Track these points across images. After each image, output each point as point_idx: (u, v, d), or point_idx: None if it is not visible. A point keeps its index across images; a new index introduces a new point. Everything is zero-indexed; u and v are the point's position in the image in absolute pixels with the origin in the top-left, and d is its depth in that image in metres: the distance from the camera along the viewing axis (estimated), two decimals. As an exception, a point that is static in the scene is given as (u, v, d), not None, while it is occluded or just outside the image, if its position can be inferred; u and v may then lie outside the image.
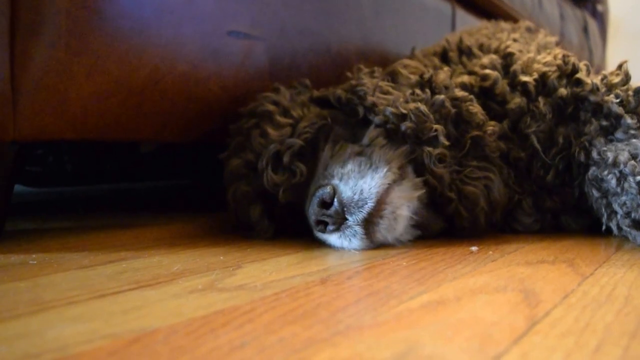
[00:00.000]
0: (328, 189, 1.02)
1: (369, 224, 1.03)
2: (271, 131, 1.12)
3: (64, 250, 1.03)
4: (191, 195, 2.31)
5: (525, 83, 1.20)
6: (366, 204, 1.01)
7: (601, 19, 4.39)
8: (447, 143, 1.11)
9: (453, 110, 1.14)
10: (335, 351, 0.54)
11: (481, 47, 1.36)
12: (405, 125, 1.10)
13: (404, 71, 1.24)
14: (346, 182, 1.03)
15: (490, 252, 1.02)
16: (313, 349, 0.55)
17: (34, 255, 0.97)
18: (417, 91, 1.16)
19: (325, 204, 1.02)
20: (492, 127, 1.16)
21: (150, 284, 0.79)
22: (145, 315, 0.65)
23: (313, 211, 1.03)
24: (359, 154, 1.09)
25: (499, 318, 0.64)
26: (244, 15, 1.33)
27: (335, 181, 1.03)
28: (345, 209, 1.01)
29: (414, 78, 1.21)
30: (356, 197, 1.01)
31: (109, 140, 1.20)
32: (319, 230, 1.05)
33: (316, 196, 1.02)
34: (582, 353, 0.54)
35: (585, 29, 3.78)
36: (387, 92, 1.16)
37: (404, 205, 1.06)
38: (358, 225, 1.02)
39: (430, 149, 1.09)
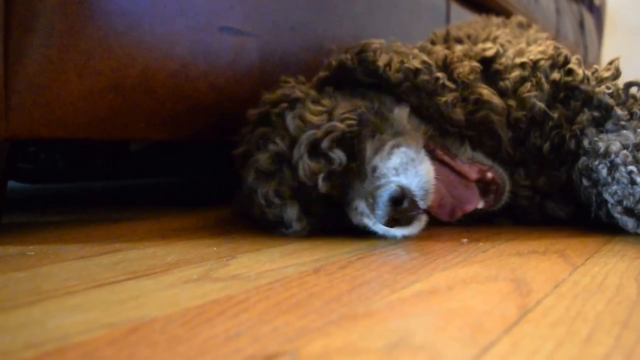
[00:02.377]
0: (394, 187, 1.00)
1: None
2: (309, 115, 1.08)
3: (60, 242, 1.03)
4: (180, 192, 2.31)
5: (522, 62, 1.22)
6: (428, 190, 1.02)
7: (598, 14, 4.35)
8: (453, 86, 1.14)
9: (440, 55, 1.19)
10: (328, 340, 0.55)
11: (469, 37, 1.37)
12: (420, 80, 1.12)
13: (398, 43, 1.25)
14: (405, 175, 1.02)
15: (481, 244, 1.03)
16: (306, 338, 0.55)
17: (31, 247, 0.98)
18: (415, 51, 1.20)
19: (395, 202, 0.99)
20: (467, 64, 1.19)
21: (146, 274, 0.80)
22: (143, 304, 0.66)
23: (384, 212, 0.99)
24: (399, 145, 1.07)
25: (490, 307, 0.65)
26: (236, 10, 1.33)
27: (395, 178, 1.02)
28: (415, 201, 1.01)
29: (410, 47, 1.24)
30: (418, 188, 1.01)
31: (99, 139, 1.19)
32: (390, 227, 1.03)
33: (383, 197, 1.00)
34: (574, 342, 0.55)
35: (581, 24, 3.75)
36: (390, 50, 1.18)
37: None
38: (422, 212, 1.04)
39: (442, 98, 1.12)
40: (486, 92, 1.17)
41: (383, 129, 1.11)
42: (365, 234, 1.07)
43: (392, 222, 1.01)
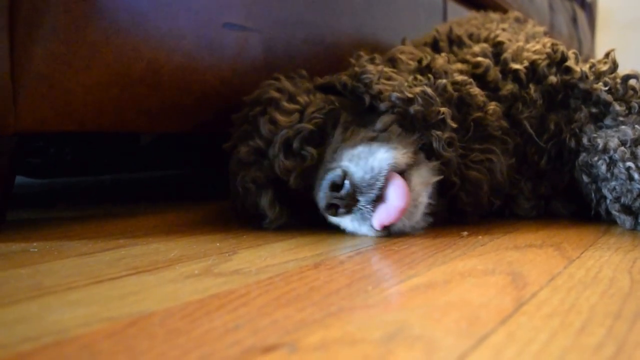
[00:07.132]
0: (338, 171, 0.99)
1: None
2: (280, 117, 1.10)
3: (64, 238, 1.04)
4: (188, 184, 2.31)
5: (516, 70, 1.21)
6: (378, 181, 0.99)
7: (590, 10, 4.42)
8: (454, 126, 1.10)
9: (455, 94, 1.14)
10: (327, 332, 0.56)
11: (471, 36, 1.36)
12: (413, 109, 1.08)
13: (402, 57, 1.24)
14: (357, 163, 1.01)
15: (480, 237, 1.03)
16: (305, 330, 0.56)
17: (34, 244, 0.98)
18: (419, 77, 1.15)
19: (336, 187, 0.99)
20: (493, 107, 1.16)
21: (147, 269, 0.80)
22: (143, 299, 0.66)
23: (324, 195, 1.00)
24: (373, 139, 1.07)
25: (487, 300, 0.66)
26: (238, 7, 1.34)
27: (345, 163, 1.01)
28: (356, 190, 0.99)
29: (413, 64, 1.21)
30: (367, 176, 0.99)
31: (107, 132, 1.20)
32: (330, 214, 1.03)
33: (326, 179, 1.00)
34: (567, 333, 0.55)
35: (574, 20, 3.79)
36: (390, 78, 1.15)
37: (424, 192, 1.05)
38: (370, 205, 1.00)
39: (438, 132, 1.08)
40: (498, 159, 1.15)
41: (366, 123, 1.11)
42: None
43: (330, 209, 1.01)
